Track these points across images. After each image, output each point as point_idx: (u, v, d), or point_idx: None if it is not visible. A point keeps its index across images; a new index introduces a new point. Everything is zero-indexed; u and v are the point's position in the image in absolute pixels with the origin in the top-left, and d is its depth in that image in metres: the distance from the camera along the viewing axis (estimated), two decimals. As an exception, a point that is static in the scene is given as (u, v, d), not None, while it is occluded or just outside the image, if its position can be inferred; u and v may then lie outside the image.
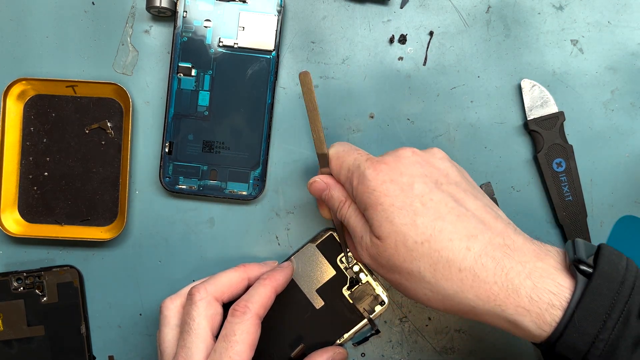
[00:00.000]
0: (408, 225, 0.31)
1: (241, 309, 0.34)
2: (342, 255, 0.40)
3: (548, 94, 0.42)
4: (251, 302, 0.35)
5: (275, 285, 0.36)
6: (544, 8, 0.42)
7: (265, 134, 0.41)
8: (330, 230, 0.41)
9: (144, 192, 0.43)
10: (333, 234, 0.41)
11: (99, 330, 0.43)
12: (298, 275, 0.40)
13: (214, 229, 0.43)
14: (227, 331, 0.34)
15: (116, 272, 0.43)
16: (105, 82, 0.41)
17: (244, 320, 0.34)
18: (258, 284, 0.36)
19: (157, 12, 0.41)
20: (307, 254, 0.41)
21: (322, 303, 0.40)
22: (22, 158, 0.42)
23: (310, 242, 0.41)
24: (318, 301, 0.40)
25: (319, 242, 0.41)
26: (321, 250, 0.41)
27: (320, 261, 0.41)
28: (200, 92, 0.41)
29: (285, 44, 0.42)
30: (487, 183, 0.42)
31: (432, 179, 0.33)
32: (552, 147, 0.41)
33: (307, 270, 0.40)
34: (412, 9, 0.42)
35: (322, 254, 0.41)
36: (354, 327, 0.40)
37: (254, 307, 0.34)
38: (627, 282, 0.28)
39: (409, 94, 0.42)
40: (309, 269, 0.41)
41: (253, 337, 0.34)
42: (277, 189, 0.43)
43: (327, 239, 0.41)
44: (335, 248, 0.41)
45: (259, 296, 0.35)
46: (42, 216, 0.42)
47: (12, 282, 0.41)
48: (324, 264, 0.41)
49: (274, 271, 0.38)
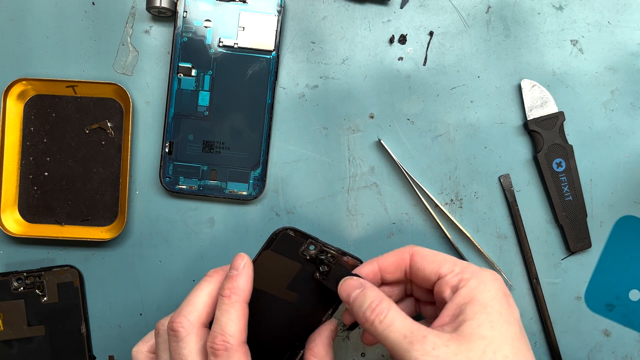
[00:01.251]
0: (506, 339, 0.29)
1: (221, 346, 0.30)
2: (303, 248, 0.37)
3: (548, 94, 0.42)
4: (229, 335, 0.30)
5: (243, 297, 0.32)
6: (544, 8, 0.42)
7: (265, 134, 0.41)
8: (281, 230, 0.37)
9: (144, 192, 0.43)
10: (285, 233, 0.37)
11: (99, 330, 0.43)
12: (263, 283, 0.36)
13: (214, 229, 0.43)
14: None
15: (116, 272, 0.43)
16: (106, 82, 0.41)
17: (230, 357, 0.30)
18: (225, 306, 0.31)
19: (157, 12, 0.41)
20: (265, 262, 0.36)
21: (297, 295, 0.37)
22: (23, 158, 0.42)
23: (264, 249, 0.37)
24: (292, 296, 0.37)
25: (273, 246, 0.37)
26: (278, 251, 0.37)
27: (282, 262, 0.37)
28: (201, 92, 0.41)
29: (286, 44, 0.42)
30: (506, 175, 0.42)
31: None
32: (552, 147, 0.41)
33: (270, 276, 0.36)
34: (412, 9, 0.42)
35: (281, 254, 0.37)
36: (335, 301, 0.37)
37: (235, 339, 0.30)
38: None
39: (409, 94, 0.42)
40: (272, 273, 0.37)
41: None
42: (277, 189, 0.43)
43: (281, 239, 0.37)
44: (293, 243, 0.37)
45: (234, 322, 0.31)
46: (43, 216, 0.42)
47: (13, 282, 0.41)
48: (287, 262, 0.37)
49: (233, 279, 0.32)
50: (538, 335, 0.43)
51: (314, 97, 0.42)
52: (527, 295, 0.43)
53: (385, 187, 0.42)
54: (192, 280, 0.43)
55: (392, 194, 0.42)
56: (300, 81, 0.42)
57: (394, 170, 0.42)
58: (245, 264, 0.33)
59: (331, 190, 0.43)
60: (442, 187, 0.42)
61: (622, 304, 0.43)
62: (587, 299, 0.43)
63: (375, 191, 0.43)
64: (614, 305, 0.43)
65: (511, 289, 0.42)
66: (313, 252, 0.37)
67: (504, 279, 0.42)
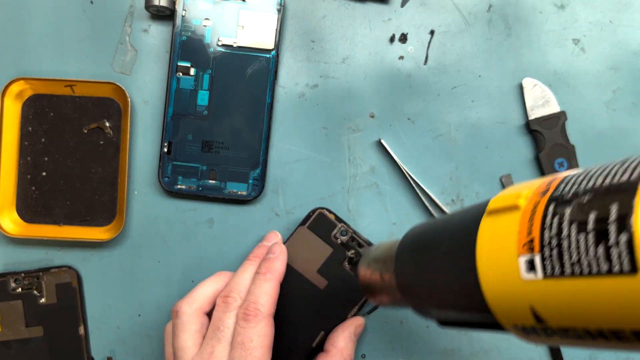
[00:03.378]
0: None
1: (252, 312, 0.33)
2: (336, 231, 0.40)
3: (550, 94, 0.41)
4: (260, 304, 0.33)
5: (277, 276, 0.35)
6: (546, 7, 0.42)
7: (264, 133, 0.41)
8: (318, 209, 0.40)
9: (142, 192, 0.42)
10: (322, 212, 0.40)
11: (98, 331, 0.42)
12: (296, 260, 0.40)
13: (213, 229, 0.42)
14: (243, 338, 0.32)
15: (115, 272, 0.43)
16: (104, 81, 0.41)
17: (258, 323, 0.32)
18: (260, 280, 0.35)
19: (156, 11, 0.41)
20: (300, 238, 0.40)
21: (326, 282, 0.40)
22: (21, 158, 0.42)
23: (300, 225, 0.40)
24: (321, 281, 0.40)
25: (309, 223, 0.40)
26: (313, 230, 0.40)
27: (314, 242, 0.40)
28: (200, 92, 0.41)
29: (285, 43, 0.42)
30: (507, 175, 0.42)
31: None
32: (553, 147, 0.41)
33: (304, 254, 0.40)
34: (413, 8, 0.42)
35: (315, 233, 0.40)
36: (361, 299, 0.40)
37: (265, 308, 0.33)
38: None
39: (409, 93, 0.42)
40: (305, 252, 0.40)
41: (269, 339, 0.33)
42: (277, 189, 0.42)
43: (317, 217, 0.40)
44: (327, 225, 0.40)
45: (266, 295, 0.34)
46: (41, 216, 0.42)
47: (10, 282, 0.41)
48: (319, 243, 0.40)
49: (270, 261, 0.36)
50: (539, 337, 0.43)
51: (313, 97, 0.42)
52: (528, 296, 0.42)
53: (385, 187, 0.42)
54: (191, 281, 0.42)
55: (392, 194, 0.42)
56: (300, 80, 0.42)
57: (395, 170, 0.42)
58: (281, 250, 0.37)
59: (331, 190, 0.42)
60: (443, 187, 0.42)
61: (624, 305, 0.43)
62: (588, 300, 0.43)
63: (376, 191, 0.42)
64: (616, 306, 0.43)
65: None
66: (345, 238, 0.40)
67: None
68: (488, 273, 0.20)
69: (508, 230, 0.19)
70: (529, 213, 0.19)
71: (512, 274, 0.19)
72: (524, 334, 0.20)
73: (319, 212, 0.40)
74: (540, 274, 0.18)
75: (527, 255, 0.18)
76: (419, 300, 0.26)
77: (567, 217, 0.17)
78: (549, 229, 0.18)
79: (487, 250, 0.20)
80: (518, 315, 0.19)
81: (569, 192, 0.18)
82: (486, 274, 0.20)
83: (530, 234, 0.18)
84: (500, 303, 0.20)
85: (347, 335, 0.38)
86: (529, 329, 0.19)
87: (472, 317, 0.22)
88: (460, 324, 0.24)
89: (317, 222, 0.40)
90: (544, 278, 0.18)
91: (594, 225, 0.16)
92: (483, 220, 0.21)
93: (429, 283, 0.25)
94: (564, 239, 0.17)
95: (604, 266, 0.16)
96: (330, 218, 0.40)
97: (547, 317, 0.18)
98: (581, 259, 0.16)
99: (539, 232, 0.18)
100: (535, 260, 0.18)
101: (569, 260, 0.17)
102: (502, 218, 0.20)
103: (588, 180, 0.18)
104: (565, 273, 0.17)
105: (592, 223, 0.16)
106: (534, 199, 0.19)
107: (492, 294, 0.20)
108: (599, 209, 0.16)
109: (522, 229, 0.19)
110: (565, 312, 0.17)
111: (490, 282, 0.20)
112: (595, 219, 0.16)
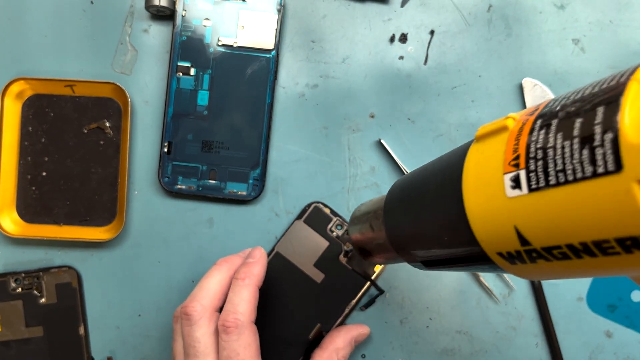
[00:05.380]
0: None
1: (232, 323, 0.32)
2: (332, 225, 0.40)
3: (550, 93, 0.41)
4: (240, 312, 0.32)
5: (255, 282, 0.34)
6: (546, 7, 0.42)
7: (264, 133, 0.41)
8: (313, 203, 0.41)
9: (142, 192, 0.42)
10: (317, 206, 0.41)
11: (98, 331, 0.42)
12: (293, 254, 0.40)
13: (213, 229, 0.42)
14: (229, 352, 0.32)
15: (115, 272, 0.43)
16: (104, 81, 0.41)
17: (240, 335, 0.32)
18: (239, 287, 0.34)
19: (156, 11, 0.41)
20: (296, 232, 0.41)
21: (323, 276, 0.40)
22: (21, 158, 0.42)
23: (296, 219, 0.41)
24: (318, 275, 0.40)
25: (305, 217, 0.41)
26: (309, 224, 0.41)
27: (311, 235, 0.41)
28: (200, 92, 0.41)
29: (285, 43, 0.42)
30: None
31: None
32: (553, 146, 0.41)
33: (300, 248, 0.40)
34: (413, 8, 0.42)
35: (311, 227, 0.41)
36: (358, 293, 0.40)
37: (244, 317, 0.32)
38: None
39: (409, 93, 0.42)
40: (301, 246, 0.41)
41: (255, 346, 0.33)
42: (277, 189, 0.42)
43: (313, 212, 0.41)
44: (323, 218, 0.41)
45: (245, 302, 0.33)
46: (41, 216, 0.42)
47: (10, 282, 0.41)
48: (315, 237, 0.41)
49: (249, 266, 0.35)
50: (540, 337, 0.43)
51: (313, 97, 0.42)
52: (528, 296, 0.42)
53: (385, 187, 0.42)
54: (191, 281, 0.42)
55: (392, 194, 0.42)
56: (300, 80, 0.42)
57: (395, 170, 0.42)
58: (261, 254, 0.36)
59: (331, 190, 0.42)
60: (443, 187, 0.42)
61: (624, 305, 0.43)
62: (588, 300, 0.43)
63: (376, 191, 0.42)
64: (616, 306, 0.43)
65: (512, 290, 0.42)
66: (340, 232, 0.40)
67: (506, 281, 0.42)
68: (473, 196, 0.19)
69: (494, 151, 0.19)
70: (516, 132, 0.18)
71: (497, 193, 0.18)
72: (509, 261, 0.19)
73: (315, 205, 0.41)
74: (525, 189, 0.17)
75: (513, 172, 0.18)
76: (408, 241, 0.25)
77: (554, 128, 0.17)
78: (535, 143, 0.17)
79: (472, 174, 0.20)
80: (503, 239, 0.18)
81: (557, 106, 0.17)
82: (471, 198, 0.20)
83: (516, 152, 0.18)
84: (485, 227, 0.19)
85: (347, 338, 0.38)
86: (514, 254, 0.19)
87: (458, 250, 0.22)
88: (446, 261, 0.23)
89: (312, 216, 0.41)
90: (529, 192, 0.17)
91: (579, 131, 0.15)
92: (470, 148, 0.21)
93: (417, 220, 0.24)
94: (549, 149, 0.16)
95: (588, 169, 0.15)
96: (325, 212, 0.41)
97: (532, 237, 0.17)
98: (566, 166, 0.16)
99: (525, 147, 0.17)
100: (521, 175, 0.17)
101: (554, 169, 0.16)
102: (490, 141, 0.20)
103: (577, 93, 0.17)
104: (550, 183, 0.16)
105: (578, 128, 0.16)
106: (522, 119, 0.19)
107: (478, 218, 0.19)
108: (585, 113, 0.16)
109: (509, 147, 0.18)
110: (550, 228, 0.17)
111: (476, 204, 0.19)
112: (582, 123, 0.16)
